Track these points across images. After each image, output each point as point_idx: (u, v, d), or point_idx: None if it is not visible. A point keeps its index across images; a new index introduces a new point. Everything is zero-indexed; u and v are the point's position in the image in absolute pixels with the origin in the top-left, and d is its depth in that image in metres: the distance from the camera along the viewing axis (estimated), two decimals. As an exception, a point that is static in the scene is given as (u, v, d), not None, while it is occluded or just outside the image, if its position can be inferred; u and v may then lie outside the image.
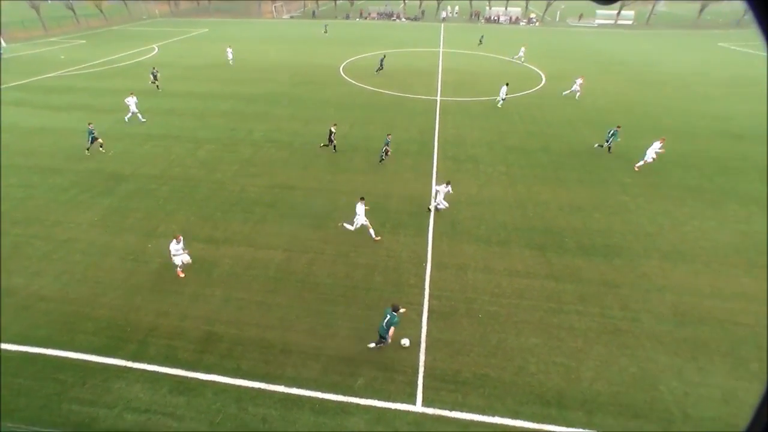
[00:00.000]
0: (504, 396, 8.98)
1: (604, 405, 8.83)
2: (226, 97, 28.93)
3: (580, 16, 75.57)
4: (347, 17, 75.26)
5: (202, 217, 15.17)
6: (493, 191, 17.34)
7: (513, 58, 41.66)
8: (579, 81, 29.37)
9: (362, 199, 13.85)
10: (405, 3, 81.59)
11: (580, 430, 8.33)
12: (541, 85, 33.94)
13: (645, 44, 53.73)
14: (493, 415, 8.58)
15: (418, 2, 78.81)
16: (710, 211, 16.15)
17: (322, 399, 8.85)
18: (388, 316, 9.27)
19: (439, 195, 15.24)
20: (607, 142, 20.71)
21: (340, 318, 10.93)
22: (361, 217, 13.63)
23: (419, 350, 10.02)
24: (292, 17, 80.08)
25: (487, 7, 77.84)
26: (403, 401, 8.84)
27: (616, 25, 71.57)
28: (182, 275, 12.23)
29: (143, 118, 24.12)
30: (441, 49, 47.67)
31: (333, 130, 20.00)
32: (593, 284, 12.28)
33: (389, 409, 8.68)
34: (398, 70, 35.46)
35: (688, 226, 15.15)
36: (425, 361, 9.74)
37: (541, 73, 37.57)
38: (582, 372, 9.55)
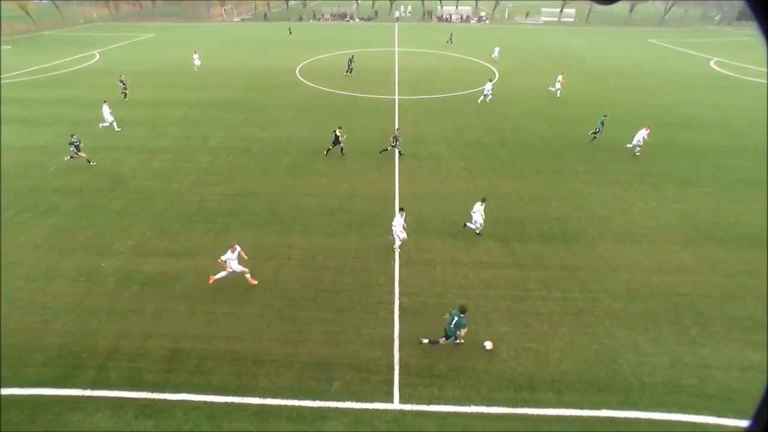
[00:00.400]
0: (478, 385, 9.23)
1: (571, 383, 9.27)
2: (179, 104, 27.76)
3: (527, 14, 78.70)
4: (300, 19, 74.29)
5: (159, 231, 14.49)
6: (455, 186, 17.73)
7: (490, 56, 42.44)
8: (559, 78, 29.95)
9: (401, 210, 13.12)
10: (358, 3, 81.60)
11: (551, 410, 8.71)
12: (494, 80, 34.98)
13: (586, 40, 56.84)
14: (469, 405, 8.79)
15: (371, 2, 79.05)
16: (652, 193, 17.34)
17: (299, 406, 8.72)
18: (456, 318, 9.36)
19: (476, 214, 13.79)
20: (598, 131, 21.87)
21: (311, 323, 10.81)
22: (398, 228, 12.90)
23: (393, 348, 10.10)
24: (243, 20, 78.04)
25: (439, 7, 79.30)
26: (380, 400, 8.87)
27: (559, 22, 75.25)
28: (254, 282, 11.91)
29: (118, 127, 23.03)
30: (396, 49, 48.12)
31: (338, 133, 19.77)
32: (555, 270, 12.86)
33: (367, 409, 8.69)
34: (355, 71, 35.43)
35: (635, 209, 16.19)
36: (400, 358, 9.83)
37: (494, 69, 38.79)
38: (549, 354, 9.98)
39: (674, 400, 8.89)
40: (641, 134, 20.24)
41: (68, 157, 18.90)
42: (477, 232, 14.24)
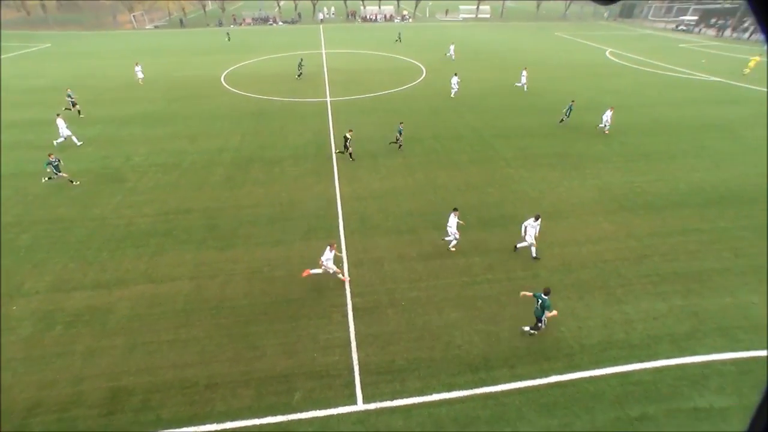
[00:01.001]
0: (438, 373, 9.51)
1: (523, 357, 9.88)
2: (91, 122, 25.29)
3: (447, 11, 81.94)
4: (220, 24, 71.04)
5: (83, 262, 13.15)
6: (395, 182, 18.05)
7: (446, 55, 43.14)
8: (524, 73, 31.61)
9: (455, 210, 13.32)
10: (280, 6, 79.77)
11: (507, 384, 9.21)
12: (422, 76, 36.09)
13: (503, 34, 60.47)
14: (431, 394, 9.03)
15: (294, 5, 77.62)
16: (574, 172, 18.94)
17: (261, 425, 8.42)
18: (540, 300, 9.75)
19: (528, 232, 12.94)
20: (566, 115, 24.12)
21: (264, 337, 10.46)
22: (452, 228, 13.18)
23: (351, 350, 10.09)
24: (156, 27, 72.92)
25: (362, 7, 79.90)
26: (344, 404, 8.83)
27: (477, 19, 79.38)
28: (346, 279, 12.22)
29: (79, 141, 21.76)
30: (324, 51, 47.78)
31: (348, 136, 19.44)
32: (497, 252, 13.59)
33: (332, 415, 8.61)
34: (284, 75, 34.66)
35: (561, 188, 17.58)
36: (359, 359, 9.84)
37: (421, 65, 39.93)
38: (501, 333, 10.54)
39: (608, 356, 9.84)
40: (607, 115, 22.83)
41: (46, 179, 17.67)
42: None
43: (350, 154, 19.81)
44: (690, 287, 12.01)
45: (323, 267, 11.70)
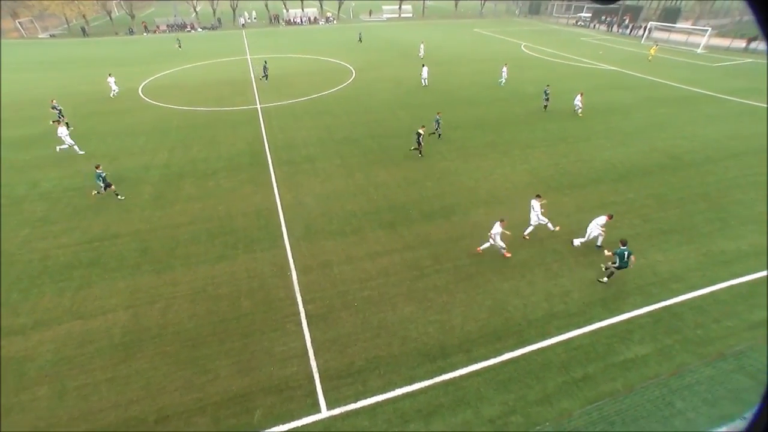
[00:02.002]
0: (398, 368, 9.65)
1: (476, 340, 10.33)
2: (-18, 148, 22.28)
3: (370, 12, 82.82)
4: (131, 32, 65.77)
5: (-10, 307, 11.58)
6: (335, 184, 17.98)
7: (418, 54, 43.90)
8: (504, 69, 32.88)
9: (538, 196, 13.94)
10: (197, 12, 75.63)
11: (465, 369, 9.59)
12: (352, 77, 36.22)
13: (427, 32, 62.41)
14: (394, 389, 9.15)
15: (212, 10, 73.98)
16: (505, 159, 20.14)
17: (221, 451, 8.02)
18: (621, 248, 11.31)
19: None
20: (546, 100, 26.58)
21: (215, 358, 9.95)
22: (536, 214, 13.72)
23: (308, 358, 9.92)
24: (53, 36, 65.78)
25: (285, 10, 78.27)
26: (308, 414, 8.67)
27: (400, 18, 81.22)
28: (509, 255, 13.13)
29: (81, 150, 21.19)
30: (249, 56, 46.16)
31: (421, 132, 19.73)
32: (442, 243, 14.05)
33: (297, 427, 8.42)
34: (208, 84, 32.98)
35: (495, 175, 18.59)
36: (318, 366, 9.71)
37: (350, 66, 40.03)
38: (453, 320, 10.93)
39: (552, 327, 10.63)
40: (578, 99, 25.50)
41: (95, 192, 17.06)
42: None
43: (420, 150, 20.21)
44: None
45: (491, 241, 12.69)
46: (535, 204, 13.76)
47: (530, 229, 14.07)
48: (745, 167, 19.00)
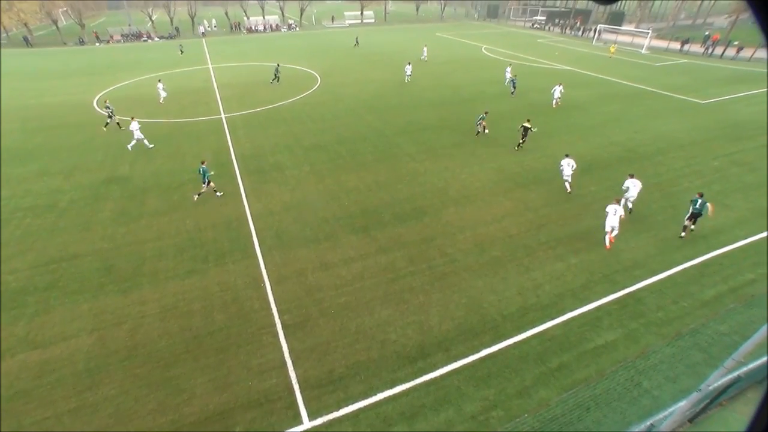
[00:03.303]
0: (379, 372, 9.62)
1: (454, 338, 10.46)
2: None
3: (333, 18, 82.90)
4: (82, 42, 62.77)
5: (-65, 341, 10.69)
6: (306, 191, 17.81)
7: (421, 58, 44.50)
8: (508, 69, 33.82)
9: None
10: (153, 21, 73.13)
11: (445, 367, 9.69)
12: (318, 83, 36.06)
13: (389, 36, 63.09)
14: (376, 394, 9.11)
15: (169, 18, 71.72)
16: (472, 158, 20.59)
17: (200, 473, 7.73)
18: (699, 201, 13.24)
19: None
20: (514, 87, 30.04)
21: (191, 376, 9.59)
22: (570, 167, 16.63)
23: (287, 369, 9.75)
24: (-6, 50, 61.71)
25: (246, 18, 77.03)
26: (290, 426, 8.50)
27: (362, 24, 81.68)
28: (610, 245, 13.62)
29: (150, 144, 22.34)
30: (210, 65, 45.07)
31: (527, 125, 20.87)
32: (415, 245, 14.18)
33: (278, 440, 8.25)
34: (169, 94, 31.86)
35: (463, 174, 18.96)
36: (297, 377, 9.55)
37: (314, 73, 39.85)
38: (431, 321, 11.03)
39: (527, 320, 10.93)
40: (557, 89, 27.67)
41: (197, 195, 17.27)
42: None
43: (521, 144, 21.35)
44: (578, 246, 13.89)
45: (609, 224, 13.38)
46: (567, 162, 16.72)
47: (568, 183, 16.93)
48: (689, 157, 20.40)
